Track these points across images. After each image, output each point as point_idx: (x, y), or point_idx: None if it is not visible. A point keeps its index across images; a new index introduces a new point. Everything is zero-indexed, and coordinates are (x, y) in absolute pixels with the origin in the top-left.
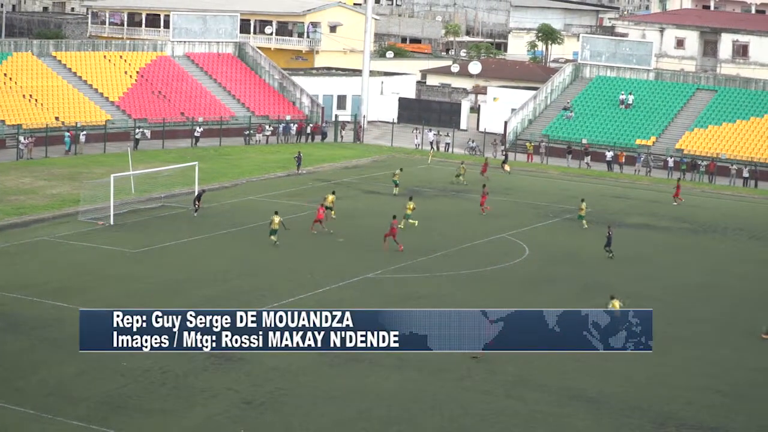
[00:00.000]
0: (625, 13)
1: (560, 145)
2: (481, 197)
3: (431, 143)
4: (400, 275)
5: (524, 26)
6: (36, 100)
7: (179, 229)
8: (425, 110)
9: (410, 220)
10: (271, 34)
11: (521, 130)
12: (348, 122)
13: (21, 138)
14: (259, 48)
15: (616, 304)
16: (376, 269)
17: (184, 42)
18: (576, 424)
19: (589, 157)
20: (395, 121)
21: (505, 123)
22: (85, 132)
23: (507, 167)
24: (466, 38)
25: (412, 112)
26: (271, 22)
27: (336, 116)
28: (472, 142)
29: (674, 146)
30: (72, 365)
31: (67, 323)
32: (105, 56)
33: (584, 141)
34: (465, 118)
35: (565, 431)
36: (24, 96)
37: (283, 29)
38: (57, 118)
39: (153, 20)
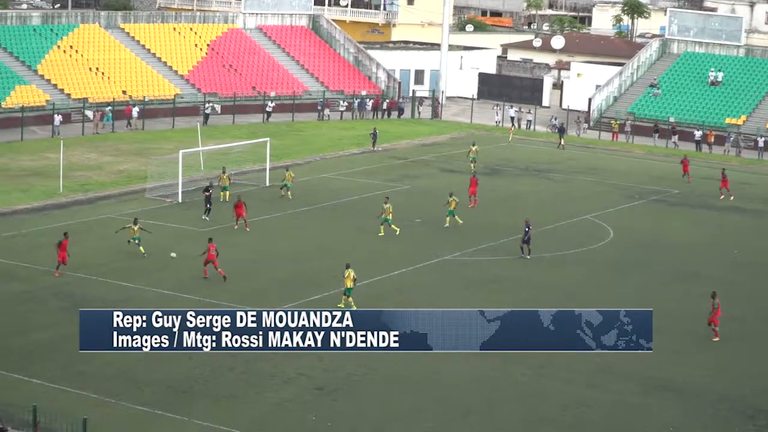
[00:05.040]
0: None
1: (647, 124)
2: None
3: (512, 120)
4: (480, 257)
5: None
6: (103, 73)
7: (250, 208)
8: (506, 86)
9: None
10: (347, 6)
11: (606, 108)
12: (426, 98)
13: (88, 112)
14: (334, 21)
15: (351, 274)
16: (454, 251)
17: (257, 14)
18: (662, 415)
19: (676, 137)
20: (475, 97)
21: (589, 100)
22: (137, 107)
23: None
24: (549, 11)
25: (492, 87)
26: None
27: (413, 92)
28: (555, 119)
29: (765, 126)
30: None
31: (133, 305)
32: (174, 28)
33: (671, 119)
34: (547, 95)
35: (650, 422)
36: (90, 69)
37: (359, 1)
38: (124, 92)
39: None
